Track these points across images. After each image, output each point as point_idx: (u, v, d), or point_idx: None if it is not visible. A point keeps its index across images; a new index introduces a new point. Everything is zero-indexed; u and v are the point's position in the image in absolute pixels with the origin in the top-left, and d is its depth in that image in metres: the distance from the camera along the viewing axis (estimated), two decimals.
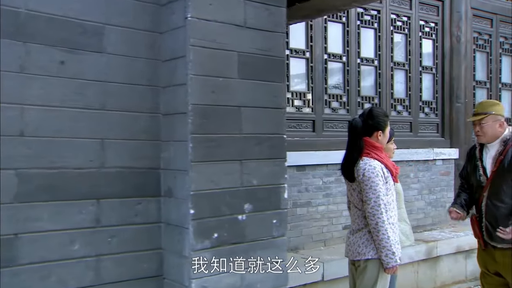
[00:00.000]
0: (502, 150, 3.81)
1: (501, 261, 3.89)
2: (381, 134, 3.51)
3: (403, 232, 3.89)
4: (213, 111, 1.90)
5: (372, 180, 3.34)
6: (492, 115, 3.82)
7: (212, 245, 1.81)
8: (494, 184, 3.81)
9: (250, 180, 1.96)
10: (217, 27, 1.91)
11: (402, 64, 6.60)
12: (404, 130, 6.62)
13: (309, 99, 5.69)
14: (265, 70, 2.06)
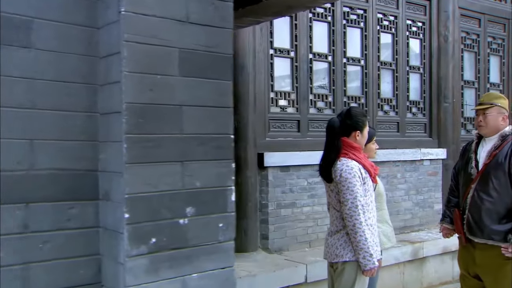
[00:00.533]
0: (499, 145, 3.73)
1: (480, 263, 3.82)
2: (359, 134, 3.45)
3: (384, 233, 3.82)
4: (151, 110, 1.81)
5: (349, 181, 3.27)
6: (497, 106, 3.76)
7: (149, 251, 1.71)
8: (484, 177, 3.73)
9: (193, 182, 1.87)
10: (156, 22, 1.82)
11: (389, 64, 6.53)
12: (391, 130, 6.56)
13: (293, 99, 5.62)
14: (210, 68, 1.96)
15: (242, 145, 5.05)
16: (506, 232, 3.69)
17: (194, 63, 1.91)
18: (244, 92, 5.07)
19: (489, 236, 3.72)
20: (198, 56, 1.92)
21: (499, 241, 3.69)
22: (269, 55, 5.41)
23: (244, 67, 5.05)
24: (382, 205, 3.86)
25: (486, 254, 3.77)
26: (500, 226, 3.70)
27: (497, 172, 3.70)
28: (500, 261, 3.71)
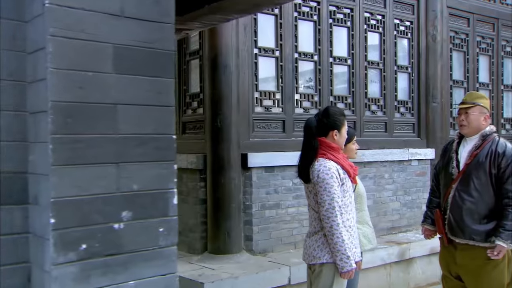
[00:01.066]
0: (480, 144, 3.71)
1: (461, 264, 3.77)
2: (337, 134, 3.37)
3: (364, 235, 3.75)
4: (81, 109, 1.71)
5: (327, 181, 3.20)
6: (479, 106, 3.73)
7: (79, 258, 1.62)
8: (465, 177, 3.70)
9: (130, 185, 1.77)
10: (86, 16, 1.72)
11: (376, 64, 6.47)
12: (379, 130, 6.49)
13: (278, 98, 5.55)
14: (148, 65, 1.87)
15: (225, 146, 4.98)
16: (487, 232, 3.64)
17: (131, 60, 1.81)
18: (227, 92, 5.00)
19: (470, 236, 3.67)
20: (135, 52, 1.83)
21: (480, 241, 3.65)
22: (253, 54, 5.34)
23: (227, 67, 4.98)
24: (362, 206, 3.79)
25: (467, 254, 3.73)
26: (481, 226, 3.65)
27: (478, 172, 3.66)
28: (480, 261, 3.67)
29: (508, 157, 3.61)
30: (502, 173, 3.61)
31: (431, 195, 4.11)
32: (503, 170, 3.60)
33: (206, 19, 3.37)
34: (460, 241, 3.73)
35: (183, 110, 5.68)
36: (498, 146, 3.65)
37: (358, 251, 3.37)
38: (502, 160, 3.61)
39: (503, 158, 3.61)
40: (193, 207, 5.28)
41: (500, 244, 3.56)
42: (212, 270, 4.59)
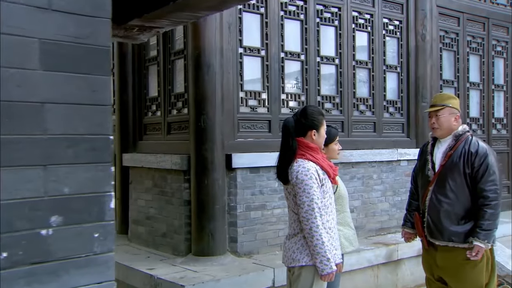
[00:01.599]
0: (453, 145, 3.68)
1: (442, 265, 3.74)
2: (315, 134, 3.30)
3: (345, 237, 3.68)
4: (5, 108, 1.61)
5: (306, 182, 3.12)
6: (449, 107, 3.71)
7: (0, 267, 1.52)
8: (440, 179, 3.67)
9: (60, 188, 1.67)
10: (8, 9, 1.63)
11: (365, 63, 6.39)
12: (368, 130, 6.41)
13: (264, 98, 5.47)
14: (80, 61, 1.76)
15: (209, 146, 4.90)
16: (465, 233, 3.60)
17: (60, 56, 1.71)
18: (211, 92, 4.92)
19: (449, 238, 3.64)
20: (65, 48, 1.73)
21: (459, 243, 3.61)
22: (239, 53, 5.26)
23: (210, 66, 4.90)
24: (343, 207, 3.72)
25: (447, 256, 3.70)
26: (459, 227, 3.62)
27: (453, 173, 3.62)
28: (460, 261, 3.65)
29: (480, 156, 3.56)
30: (476, 172, 3.56)
31: (410, 198, 4.08)
32: (477, 169, 3.56)
33: (175, 17, 3.29)
34: (439, 243, 3.69)
35: (168, 111, 5.60)
36: (471, 146, 3.61)
37: (339, 253, 3.29)
38: (475, 159, 3.57)
39: (476, 157, 3.57)
40: (178, 209, 5.19)
41: (477, 245, 3.52)
42: (195, 273, 4.51)
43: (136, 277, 4.70)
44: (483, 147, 3.63)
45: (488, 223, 3.52)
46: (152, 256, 5.22)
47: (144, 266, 4.75)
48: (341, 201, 3.68)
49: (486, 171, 3.55)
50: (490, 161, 3.58)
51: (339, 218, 3.66)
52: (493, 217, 3.54)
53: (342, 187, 3.74)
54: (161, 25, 3.42)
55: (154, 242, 5.55)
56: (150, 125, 5.95)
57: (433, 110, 3.78)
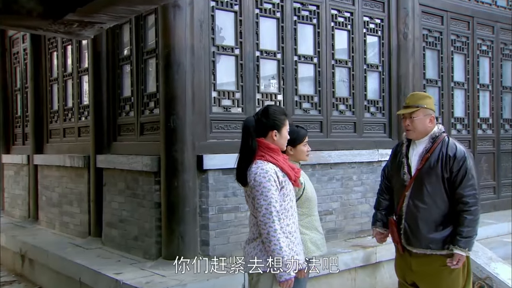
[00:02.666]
0: (430, 147, 3.51)
1: (417, 270, 3.59)
2: (277, 134, 3.16)
3: (312, 241, 3.52)
4: None
5: (264, 185, 2.98)
6: (423, 108, 3.51)
7: None
8: (417, 183, 3.51)
9: None
10: None
11: (344, 62, 6.26)
12: (348, 130, 6.28)
13: (238, 98, 5.33)
14: None
15: (179, 147, 4.76)
16: (443, 240, 3.45)
17: None
18: (181, 91, 4.78)
19: (427, 245, 3.49)
20: None
21: (437, 250, 3.46)
22: (211, 52, 5.12)
23: (180, 65, 4.76)
24: (311, 210, 3.57)
25: (422, 261, 3.56)
26: (437, 234, 3.47)
27: (430, 177, 3.46)
28: (436, 267, 3.51)
29: (459, 160, 3.41)
30: (454, 177, 3.41)
31: (379, 197, 3.91)
32: (455, 173, 3.40)
33: (111, 11, 3.15)
34: (416, 251, 3.53)
35: (141, 111, 5.46)
36: (448, 149, 3.45)
37: (301, 258, 3.16)
38: (453, 163, 3.41)
39: (455, 161, 3.41)
40: (149, 211, 5.05)
41: (458, 253, 3.38)
42: (162, 277, 4.37)
43: (103, 282, 4.56)
44: (461, 150, 3.46)
45: (468, 230, 3.38)
46: (123, 260, 5.07)
47: (112, 271, 4.61)
48: (308, 204, 3.54)
49: (465, 175, 3.39)
50: (469, 165, 3.42)
51: (306, 222, 3.52)
52: (473, 223, 3.39)
53: (310, 189, 3.59)
54: (101, 20, 3.29)
55: (126, 245, 5.41)
56: (124, 125, 5.81)
57: (407, 111, 3.61)
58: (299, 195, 3.49)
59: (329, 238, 5.81)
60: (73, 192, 6.58)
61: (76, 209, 6.50)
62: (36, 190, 7.63)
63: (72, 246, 5.84)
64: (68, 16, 3.04)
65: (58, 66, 7.24)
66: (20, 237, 6.62)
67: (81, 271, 4.94)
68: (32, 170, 7.73)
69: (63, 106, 7.13)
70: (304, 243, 3.46)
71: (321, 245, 3.61)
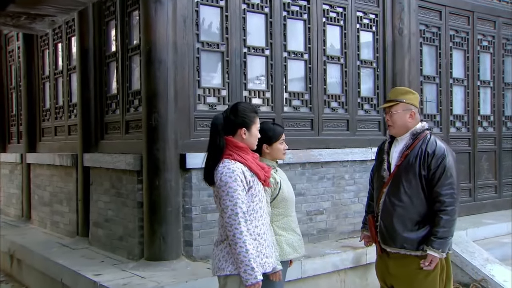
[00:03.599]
0: (410, 144, 3.40)
1: (394, 273, 3.49)
2: (246, 133, 3.05)
3: (288, 243, 3.41)
4: None
5: (229, 185, 2.88)
6: (403, 103, 3.42)
7: None
8: (395, 181, 3.41)
9: None
10: None
11: (336, 58, 6.12)
12: (340, 128, 6.14)
13: (224, 95, 5.23)
14: None
15: (161, 146, 4.67)
16: (419, 240, 3.35)
17: None
18: (163, 89, 4.69)
19: (402, 244, 3.39)
20: None
21: (411, 250, 3.36)
22: (196, 48, 5.02)
23: (161, 62, 4.67)
24: (287, 211, 3.45)
25: (399, 263, 3.47)
26: (412, 233, 3.36)
27: (408, 175, 3.35)
28: (412, 270, 3.41)
29: (438, 157, 3.29)
30: (432, 174, 3.29)
31: (369, 200, 3.83)
32: (433, 171, 3.28)
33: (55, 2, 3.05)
34: (391, 250, 3.43)
35: (127, 109, 5.37)
36: (428, 146, 3.34)
37: (272, 261, 3.05)
38: (432, 160, 3.29)
39: (433, 158, 3.29)
40: (132, 211, 4.97)
41: (431, 254, 3.26)
42: (141, 279, 4.28)
43: (82, 283, 4.48)
44: (441, 147, 3.34)
45: (443, 231, 3.25)
46: (106, 261, 5.00)
47: (92, 272, 4.53)
48: (285, 204, 3.42)
49: (443, 173, 3.26)
50: (448, 162, 3.29)
51: (282, 223, 3.41)
52: (449, 223, 3.27)
53: (286, 189, 3.46)
54: (48, 12, 3.20)
55: (111, 245, 5.33)
56: (110, 123, 5.73)
57: (386, 106, 3.51)
58: (274, 195, 3.39)
59: (320, 239, 5.72)
60: (63, 191, 6.53)
61: (65, 208, 6.45)
62: (29, 189, 7.60)
63: (58, 246, 5.78)
64: (11, 7, 2.96)
65: (50, 64, 7.19)
66: (10, 236, 6.57)
67: (62, 272, 4.87)
68: (25, 168, 7.69)
69: (54, 104, 7.08)
70: (280, 245, 3.35)
71: (298, 247, 3.49)
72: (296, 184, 5.54)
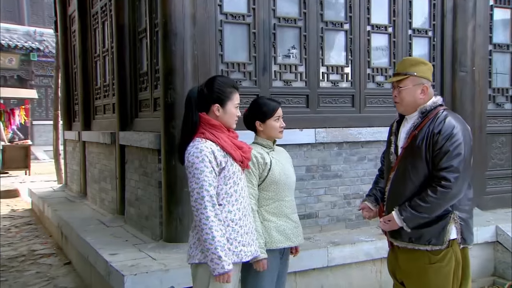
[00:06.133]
0: (419, 123, 2.97)
1: (404, 268, 3.11)
2: (219, 109, 2.82)
3: (279, 229, 3.15)
4: None
5: (196, 166, 2.68)
6: (413, 76, 2.97)
7: None
8: (402, 166, 3.02)
9: None
10: None
11: (383, 27, 5.62)
12: (386, 104, 5.66)
13: (251, 71, 4.98)
14: None
15: (177, 124, 4.52)
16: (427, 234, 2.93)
17: None
18: (178, 64, 4.54)
19: (409, 238, 2.99)
20: None
21: (419, 244, 2.96)
22: (218, 21, 4.81)
23: (177, 35, 4.51)
24: (279, 195, 3.17)
25: (408, 257, 3.10)
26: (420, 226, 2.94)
27: (414, 159, 2.93)
28: (421, 265, 3.01)
29: (443, 136, 2.83)
30: (434, 156, 2.84)
31: (378, 175, 3.45)
32: (436, 153, 2.83)
33: None
34: (398, 244, 3.07)
35: (154, 86, 5.31)
36: (436, 124, 2.87)
37: (251, 249, 2.85)
38: (437, 141, 2.84)
39: (439, 137, 2.84)
40: (154, 190, 4.93)
41: (393, 214, 2.93)
42: (152, 260, 4.23)
43: (100, 262, 4.53)
44: (450, 125, 2.85)
45: (423, 206, 2.83)
46: (131, 240, 5.02)
47: (111, 251, 4.55)
48: (275, 188, 3.15)
49: (446, 155, 2.80)
50: (455, 143, 2.81)
51: (272, 208, 3.16)
52: (435, 206, 2.83)
53: (278, 171, 3.18)
54: None
55: (140, 224, 5.36)
56: (143, 101, 5.72)
57: (394, 80, 3.08)
58: (263, 177, 3.14)
59: (359, 224, 5.37)
60: (107, 169, 6.69)
61: (108, 186, 6.60)
62: (85, 166, 7.89)
63: (96, 224, 5.92)
64: None
65: (99, 42, 7.34)
66: (60, 212, 6.86)
67: (88, 250, 4.96)
68: (81, 146, 8.00)
69: (103, 83, 7.24)
70: (268, 231, 3.11)
71: (293, 235, 3.22)
72: (331, 165, 5.22)
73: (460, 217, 2.96)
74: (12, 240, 7.25)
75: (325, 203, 5.20)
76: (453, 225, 2.95)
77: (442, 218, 2.93)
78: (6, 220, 8.73)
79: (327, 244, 4.69)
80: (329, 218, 5.22)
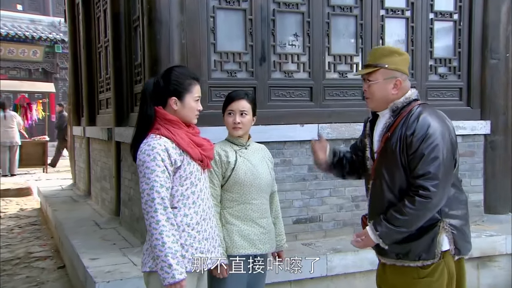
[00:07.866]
0: (391, 123, 2.80)
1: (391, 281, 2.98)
2: (177, 103, 2.77)
3: (242, 234, 3.07)
4: None
5: (147, 165, 2.64)
6: (384, 69, 2.78)
7: None
8: (377, 173, 2.87)
9: None
10: None
11: (400, 11, 5.44)
12: None
13: (246, 61, 4.92)
14: None
15: None
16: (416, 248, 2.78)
17: None
18: (164, 53, 4.53)
19: (397, 254, 2.86)
20: None
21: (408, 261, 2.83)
22: (210, 7, 4.76)
23: (162, 23, 4.50)
24: (243, 197, 3.08)
25: (396, 271, 2.94)
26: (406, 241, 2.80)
27: (390, 165, 2.77)
28: (409, 280, 2.86)
29: (418, 137, 2.63)
30: (410, 161, 2.67)
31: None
32: (411, 157, 2.66)
33: None
34: (386, 262, 2.94)
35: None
36: (409, 124, 2.69)
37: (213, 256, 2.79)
38: (411, 142, 2.66)
39: (412, 139, 2.65)
40: None
41: (368, 230, 2.80)
42: (132, 266, 4.23)
43: (80, 267, 4.57)
44: (424, 124, 2.65)
45: (400, 219, 2.67)
46: (119, 243, 5.05)
47: (92, 256, 4.59)
48: (240, 189, 3.07)
49: (422, 159, 2.61)
50: (432, 144, 2.61)
51: (236, 211, 3.10)
52: (413, 218, 2.66)
53: (244, 171, 3.07)
54: None
55: (133, 226, 5.38)
56: (138, 94, 5.72)
57: (363, 73, 2.90)
58: (226, 177, 3.08)
59: None
60: (106, 167, 6.76)
61: (108, 185, 6.67)
62: (89, 163, 8.00)
63: (90, 225, 6.00)
64: None
65: (101, 32, 7.41)
66: (59, 212, 6.99)
67: (73, 253, 5.02)
68: (85, 143, 8.12)
69: (105, 75, 7.30)
70: (230, 235, 3.06)
71: (259, 242, 3.12)
72: None
73: (452, 225, 2.80)
74: (11, 241, 7.43)
75: (330, 205, 5.08)
76: (444, 235, 2.78)
77: (430, 229, 2.77)
78: (11, 220, 8.97)
79: (327, 251, 4.59)
80: (334, 222, 5.10)
